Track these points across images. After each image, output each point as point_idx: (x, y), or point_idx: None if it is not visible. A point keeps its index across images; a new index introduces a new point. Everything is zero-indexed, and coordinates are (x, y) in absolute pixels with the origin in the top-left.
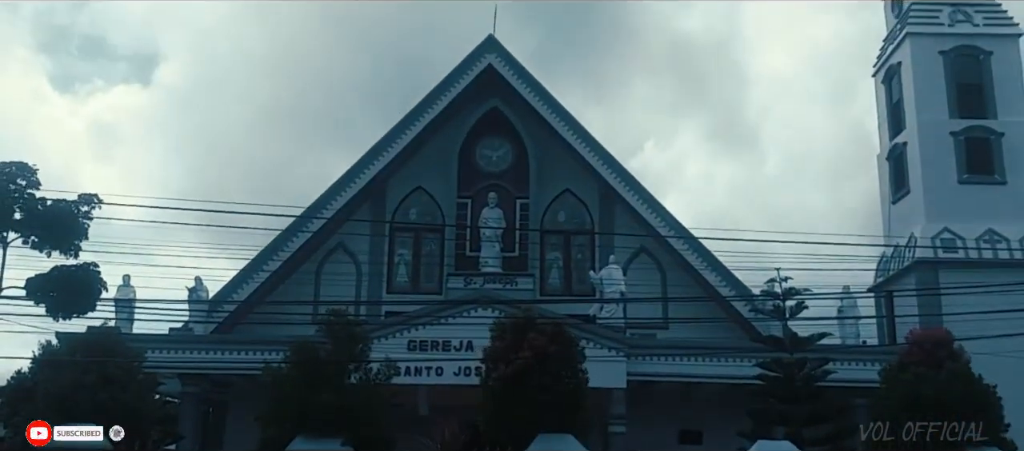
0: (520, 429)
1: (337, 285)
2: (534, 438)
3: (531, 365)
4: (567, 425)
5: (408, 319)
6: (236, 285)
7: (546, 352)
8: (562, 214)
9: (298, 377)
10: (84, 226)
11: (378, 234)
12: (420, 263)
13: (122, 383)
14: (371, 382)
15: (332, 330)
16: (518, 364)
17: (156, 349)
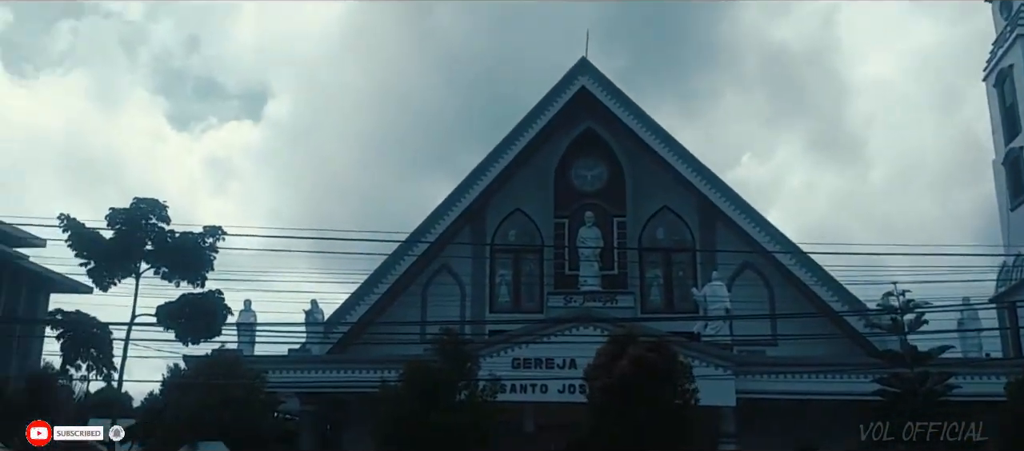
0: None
1: (442, 305)
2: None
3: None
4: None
5: (512, 337)
6: (349, 307)
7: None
8: (661, 231)
9: (412, 395)
10: (209, 257)
11: (479, 256)
12: (520, 283)
13: (244, 403)
14: (479, 399)
15: (443, 348)
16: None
17: (276, 370)
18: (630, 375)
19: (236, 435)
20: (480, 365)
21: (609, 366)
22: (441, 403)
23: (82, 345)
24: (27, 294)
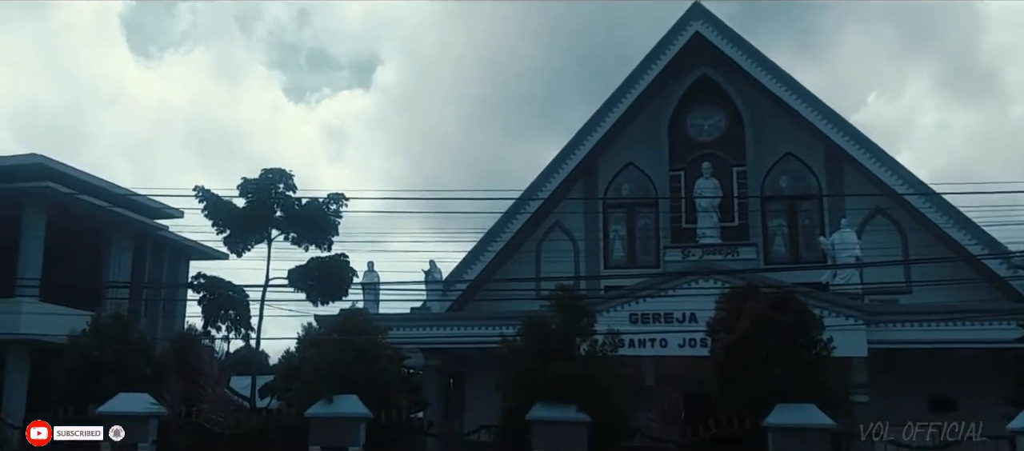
0: (753, 399)
1: (556, 262)
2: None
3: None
4: (806, 395)
5: (630, 292)
6: (465, 266)
7: (767, 319)
8: (784, 179)
9: (531, 349)
10: (334, 222)
11: (592, 212)
12: (635, 238)
13: (373, 358)
14: (598, 354)
15: (560, 304)
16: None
17: (399, 327)
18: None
19: (367, 388)
20: (597, 320)
21: (730, 322)
22: (560, 356)
23: (221, 308)
24: (169, 262)
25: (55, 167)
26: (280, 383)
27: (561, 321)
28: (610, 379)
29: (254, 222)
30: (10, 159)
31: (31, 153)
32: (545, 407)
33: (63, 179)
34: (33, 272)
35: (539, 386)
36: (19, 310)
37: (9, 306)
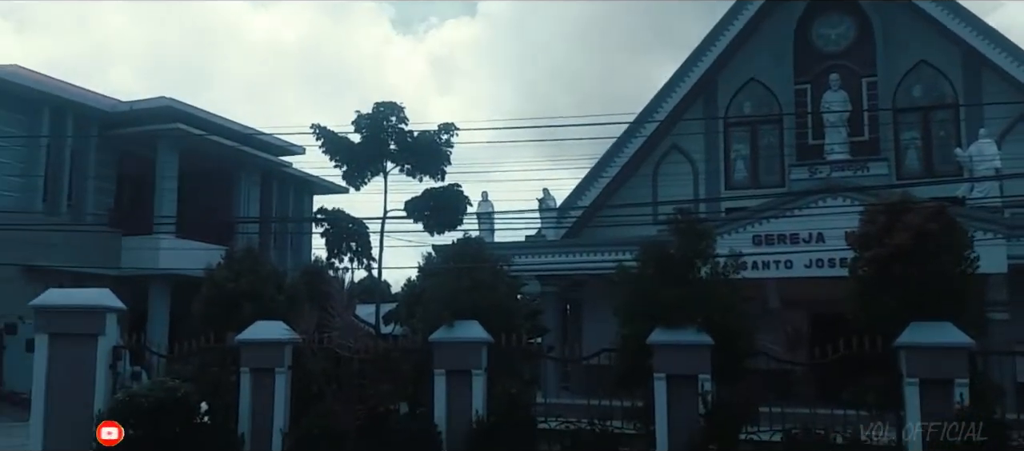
0: (891, 317)
1: (674, 185)
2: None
3: (907, 248)
4: (946, 312)
5: (753, 213)
6: (580, 192)
7: (924, 232)
8: (917, 89)
9: (650, 274)
10: (446, 152)
11: (712, 131)
12: (758, 157)
13: (492, 285)
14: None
15: (678, 228)
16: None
17: (516, 255)
18: (907, 245)
19: (487, 314)
20: (718, 243)
21: (879, 236)
22: (678, 281)
23: (343, 240)
24: (294, 197)
25: (184, 109)
26: (403, 310)
27: (680, 245)
28: (732, 302)
29: (369, 156)
30: (142, 103)
31: (161, 96)
32: (666, 331)
33: (192, 120)
34: (168, 210)
35: (658, 310)
36: (157, 246)
37: (149, 243)
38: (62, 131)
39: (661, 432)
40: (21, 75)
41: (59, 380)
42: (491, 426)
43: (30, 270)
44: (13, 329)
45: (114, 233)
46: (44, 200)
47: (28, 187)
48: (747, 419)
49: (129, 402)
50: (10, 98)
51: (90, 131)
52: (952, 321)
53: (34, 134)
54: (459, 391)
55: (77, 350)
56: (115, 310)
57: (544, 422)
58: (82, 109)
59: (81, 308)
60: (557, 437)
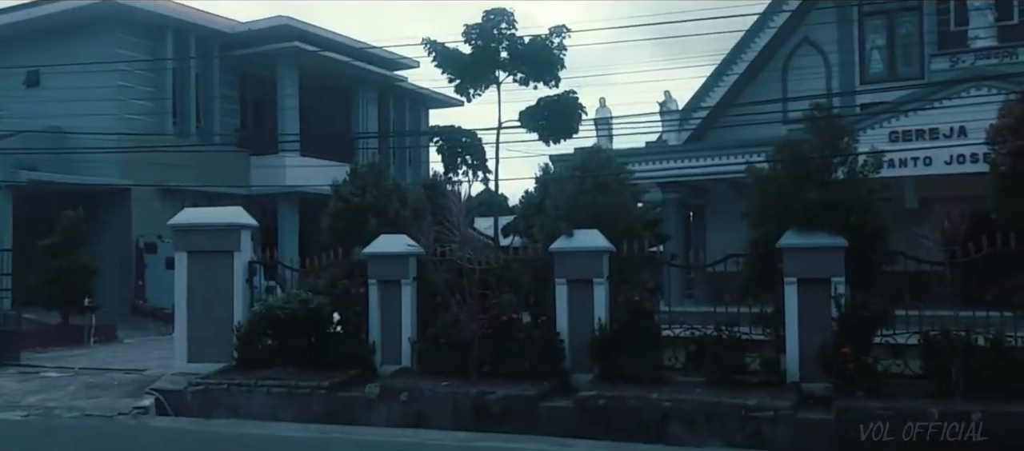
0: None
1: (805, 80)
2: None
3: None
4: None
5: (891, 108)
6: (704, 93)
7: None
8: None
9: (783, 175)
10: (559, 57)
11: (846, 21)
12: (895, 47)
13: (613, 193)
14: (857, 176)
15: (816, 124)
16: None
17: (636, 162)
18: None
19: (608, 223)
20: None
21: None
22: (815, 181)
23: (459, 153)
24: (410, 111)
25: (301, 27)
26: (521, 222)
27: (817, 143)
28: (868, 202)
29: (481, 66)
30: (260, 23)
31: (278, 16)
32: (797, 234)
33: (309, 38)
34: (291, 128)
35: (790, 213)
36: (283, 164)
37: (275, 161)
38: (185, 54)
39: (791, 337)
40: (143, 0)
41: (198, 295)
42: (614, 333)
43: (166, 191)
44: (153, 248)
45: (242, 153)
46: (174, 123)
47: (158, 111)
48: (882, 322)
49: (266, 314)
50: (134, 24)
51: (212, 53)
52: None
53: (160, 58)
54: (581, 300)
55: (214, 266)
56: (248, 227)
57: (668, 330)
58: (203, 32)
59: (216, 226)
60: (682, 344)
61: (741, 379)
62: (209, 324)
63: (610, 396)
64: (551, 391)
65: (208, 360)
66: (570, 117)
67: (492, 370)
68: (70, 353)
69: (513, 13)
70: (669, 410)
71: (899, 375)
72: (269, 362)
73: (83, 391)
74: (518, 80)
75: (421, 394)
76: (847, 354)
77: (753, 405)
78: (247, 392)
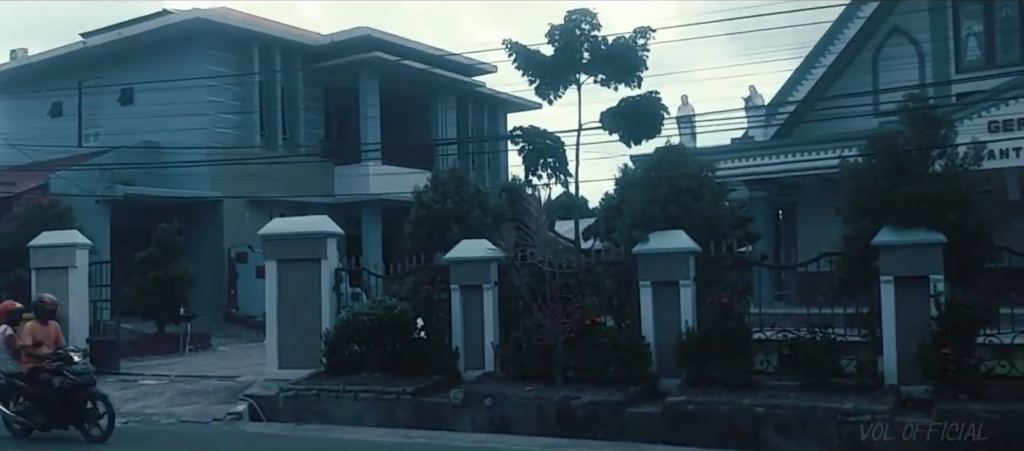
0: None
1: (897, 70)
2: None
3: None
4: None
5: (990, 96)
6: (791, 87)
7: None
8: None
9: (879, 169)
10: (642, 57)
11: (940, 9)
12: (994, 33)
13: (694, 193)
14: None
15: (912, 116)
16: None
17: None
18: None
19: (693, 223)
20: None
21: None
22: (912, 175)
23: (539, 157)
24: (489, 116)
25: (381, 37)
26: (602, 224)
27: (913, 136)
28: (968, 196)
29: (563, 67)
30: (342, 34)
31: (359, 26)
32: (893, 230)
33: (389, 48)
34: (374, 137)
35: (886, 209)
36: (367, 173)
37: (358, 170)
38: (271, 67)
39: (889, 337)
40: (230, 16)
41: (288, 303)
42: (702, 337)
43: (254, 202)
44: (244, 258)
45: (326, 162)
46: (262, 135)
47: (246, 124)
48: (985, 321)
49: (353, 321)
50: (222, 40)
51: (296, 65)
52: None
53: (248, 72)
54: (666, 302)
55: (302, 274)
56: (335, 235)
57: (759, 333)
58: (287, 45)
59: (304, 235)
60: (774, 347)
61: (837, 382)
62: (298, 331)
63: (699, 401)
64: (637, 396)
65: (298, 366)
66: (653, 117)
67: (576, 375)
68: (167, 361)
69: (596, 14)
70: (762, 415)
71: (1004, 377)
72: (356, 368)
73: (179, 398)
74: (600, 81)
75: (505, 399)
76: (948, 355)
77: (850, 409)
78: (336, 397)
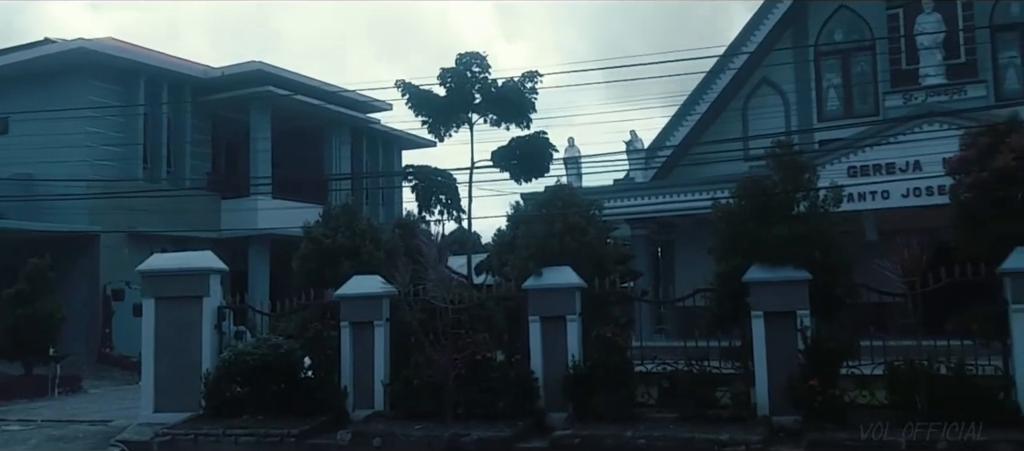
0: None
1: (765, 119)
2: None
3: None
4: None
5: (849, 143)
6: (668, 132)
7: None
8: (1016, 6)
9: (748, 211)
10: (531, 100)
11: (802, 62)
12: (851, 86)
13: (583, 230)
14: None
15: (779, 161)
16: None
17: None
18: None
19: (579, 260)
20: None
21: (981, 159)
22: (779, 216)
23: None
24: (383, 153)
25: (274, 72)
26: (494, 260)
27: (779, 179)
28: (831, 236)
29: (454, 107)
30: (233, 68)
31: (251, 60)
32: (763, 268)
33: (282, 82)
34: (263, 171)
35: (756, 247)
36: (255, 207)
37: (246, 204)
38: (158, 99)
39: (760, 370)
40: (116, 47)
41: (166, 342)
42: (587, 371)
43: (134, 237)
44: (120, 295)
45: (212, 196)
46: (145, 168)
47: (129, 156)
48: (848, 354)
49: (236, 360)
50: (107, 70)
51: (185, 98)
52: None
53: (132, 104)
54: (554, 337)
55: (183, 312)
56: (218, 271)
57: (640, 365)
58: (176, 77)
59: (185, 271)
60: (654, 379)
61: (713, 414)
62: (177, 372)
63: (585, 435)
64: (526, 431)
65: (175, 409)
66: (541, 157)
67: (467, 411)
68: (34, 404)
69: (486, 56)
70: (643, 447)
71: (866, 406)
72: (238, 410)
73: (46, 445)
74: (491, 121)
75: (394, 439)
76: (815, 386)
77: (725, 440)
78: (215, 442)
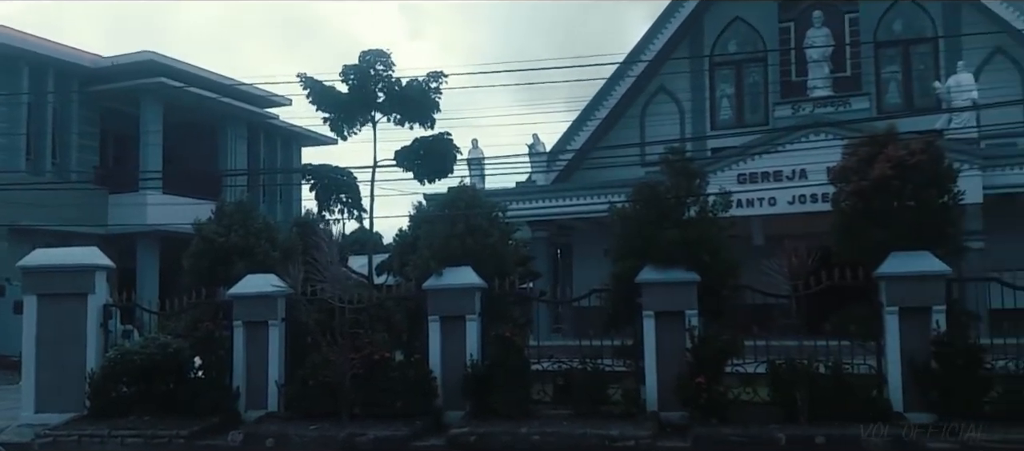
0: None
1: (662, 125)
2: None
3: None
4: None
5: (740, 151)
6: (569, 137)
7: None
8: (898, 23)
9: (642, 214)
10: (435, 100)
11: (698, 71)
12: (743, 96)
13: (485, 232)
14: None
15: (672, 167)
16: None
17: (507, 201)
18: (890, 177)
19: (481, 261)
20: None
21: (861, 169)
22: (671, 220)
23: (333, 192)
24: (282, 149)
25: (166, 63)
26: (395, 260)
27: (672, 185)
28: (719, 240)
29: (357, 105)
30: (123, 57)
31: (143, 50)
32: (655, 270)
33: (174, 74)
34: (154, 165)
35: (648, 250)
36: (144, 202)
37: (135, 199)
38: (43, 89)
39: (650, 368)
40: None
41: (49, 341)
42: (486, 370)
43: (16, 231)
44: (1, 291)
45: (100, 191)
46: (27, 159)
47: (11, 147)
48: (733, 352)
49: (122, 360)
50: None
51: (71, 88)
52: (934, 251)
53: (14, 92)
54: (453, 337)
55: (67, 310)
56: (104, 268)
57: (537, 364)
58: (63, 66)
59: (69, 268)
60: (550, 377)
61: (605, 410)
62: (60, 372)
63: (481, 432)
64: (423, 430)
65: (58, 410)
66: (445, 157)
67: (364, 411)
68: None
69: (390, 55)
70: (537, 443)
71: (749, 402)
72: (125, 411)
73: None
74: (394, 121)
75: (288, 439)
76: (701, 384)
77: (616, 435)
78: (100, 443)
